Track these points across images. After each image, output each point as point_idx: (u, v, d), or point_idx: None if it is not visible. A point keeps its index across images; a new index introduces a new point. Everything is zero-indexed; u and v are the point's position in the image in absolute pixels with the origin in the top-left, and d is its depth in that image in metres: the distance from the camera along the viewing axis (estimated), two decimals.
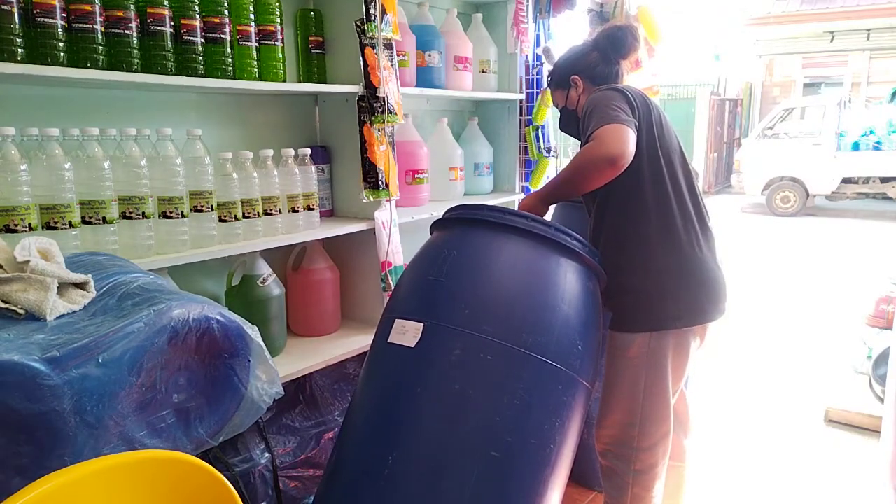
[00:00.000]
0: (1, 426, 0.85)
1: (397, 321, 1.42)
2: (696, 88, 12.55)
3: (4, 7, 1.26)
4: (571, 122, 1.85)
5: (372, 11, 1.90)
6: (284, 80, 1.83)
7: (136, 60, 1.47)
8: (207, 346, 1.09)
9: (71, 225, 1.35)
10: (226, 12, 1.63)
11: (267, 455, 1.76)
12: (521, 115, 2.72)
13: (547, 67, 2.65)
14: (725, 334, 4.12)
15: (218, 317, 1.09)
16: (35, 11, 1.30)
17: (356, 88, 1.94)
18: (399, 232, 2.11)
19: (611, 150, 1.48)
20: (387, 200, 2.06)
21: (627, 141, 1.50)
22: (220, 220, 1.66)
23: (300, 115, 2.12)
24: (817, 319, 4.67)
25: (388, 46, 1.99)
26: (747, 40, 14.44)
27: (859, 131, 9.82)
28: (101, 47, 1.40)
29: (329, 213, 2.14)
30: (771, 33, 14.01)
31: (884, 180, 9.61)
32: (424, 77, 2.29)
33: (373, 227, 2.03)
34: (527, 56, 2.69)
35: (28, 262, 1.04)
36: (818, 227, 9.06)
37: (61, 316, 1.02)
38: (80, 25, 1.37)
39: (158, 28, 1.50)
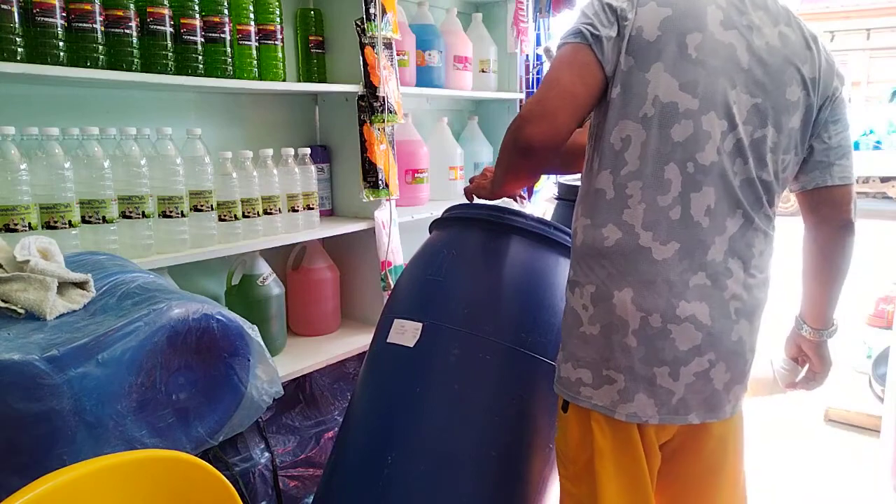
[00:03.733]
0: (0, 425, 0.85)
1: (396, 321, 1.42)
2: None
3: (4, 6, 1.26)
4: None
5: (372, 11, 1.90)
6: (284, 80, 1.83)
7: (135, 60, 1.47)
8: (207, 345, 1.09)
9: (71, 224, 1.35)
10: (225, 12, 1.63)
11: (267, 454, 1.77)
12: None
13: (547, 66, 2.65)
14: None
15: (218, 316, 1.09)
16: (35, 11, 1.30)
17: (356, 88, 1.94)
18: (399, 231, 2.11)
19: None
20: (387, 200, 2.06)
21: None
22: (220, 220, 1.66)
23: (300, 115, 2.12)
24: None
25: (388, 46, 1.99)
26: None
27: (859, 131, 9.81)
28: (100, 46, 1.40)
29: (329, 213, 2.14)
30: None
31: (884, 180, 9.60)
32: (424, 76, 2.29)
33: (373, 226, 2.03)
34: (527, 55, 2.68)
35: (28, 261, 1.04)
36: None
37: (61, 315, 1.02)
38: (80, 25, 1.37)
39: (158, 27, 1.50)
